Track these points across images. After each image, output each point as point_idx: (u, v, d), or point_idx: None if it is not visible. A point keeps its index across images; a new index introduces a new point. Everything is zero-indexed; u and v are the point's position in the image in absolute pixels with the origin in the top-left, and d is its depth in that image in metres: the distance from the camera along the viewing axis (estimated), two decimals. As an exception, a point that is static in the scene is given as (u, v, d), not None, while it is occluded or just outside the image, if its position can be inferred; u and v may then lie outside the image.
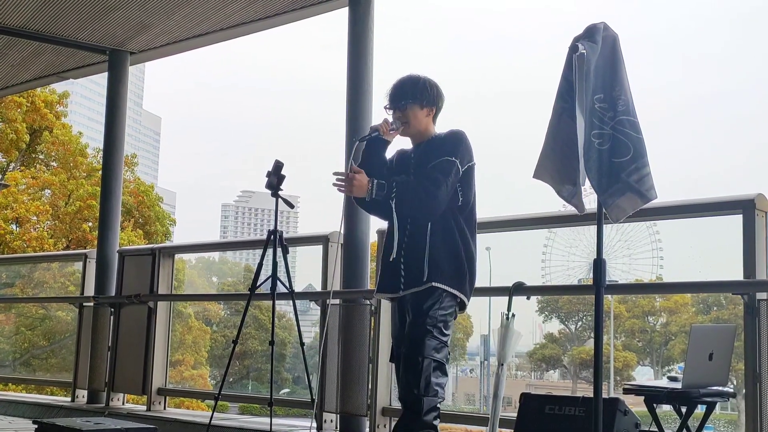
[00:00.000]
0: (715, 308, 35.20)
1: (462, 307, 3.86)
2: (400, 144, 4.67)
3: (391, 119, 4.00)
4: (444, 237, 3.79)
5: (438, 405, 3.71)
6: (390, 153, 4.12)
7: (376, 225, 5.82)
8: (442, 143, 3.89)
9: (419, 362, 3.67)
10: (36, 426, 5.19)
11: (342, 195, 5.32)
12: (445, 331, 3.76)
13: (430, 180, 3.76)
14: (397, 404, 5.41)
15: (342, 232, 5.69)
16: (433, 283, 3.73)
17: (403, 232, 3.85)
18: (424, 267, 3.75)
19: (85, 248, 18.17)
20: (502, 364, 4.68)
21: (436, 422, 3.70)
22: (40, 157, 25.74)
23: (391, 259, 3.85)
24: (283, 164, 5.19)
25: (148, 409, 7.03)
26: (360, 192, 3.80)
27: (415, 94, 3.96)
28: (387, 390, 5.64)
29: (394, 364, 4.03)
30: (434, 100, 4.00)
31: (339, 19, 6.39)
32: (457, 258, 3.79)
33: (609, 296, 22.78)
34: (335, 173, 3.85)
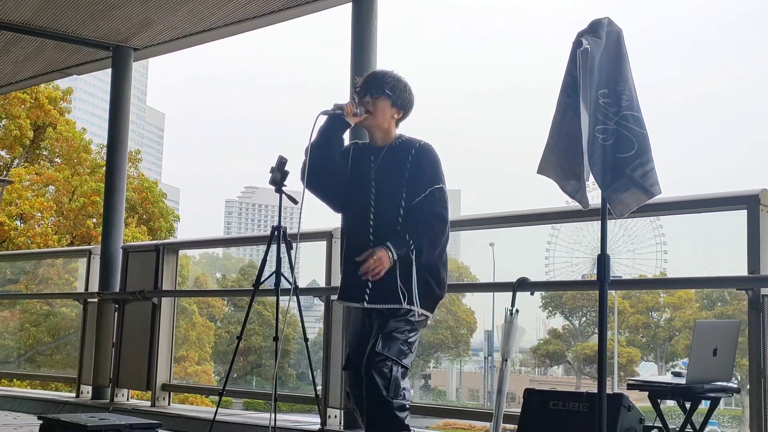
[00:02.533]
0: (719, 304, 35.20)
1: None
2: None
3: (340, 102, 3.84)
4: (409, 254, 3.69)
5: (407, 405, 3.66)
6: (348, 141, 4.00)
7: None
8: (420, 163, 3.76)
9: (390, 366, 3.61)
10: (41, 422, 5.19)
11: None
12: (412, 337, 3.72)
13: (437, 218, 3.70)
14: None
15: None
16: (408, 306, 3.68)
17: (373, 237, 3.75)
18: (397, 288, 3.67)
19: (89, 244, 18.21)
20: (506, 360, 4.68)
21: (407, 422, 3.66)
22: (44, 153, 25.76)
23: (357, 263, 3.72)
24: (287, 160, 5.18)
25: (153, 405, 7.05)
26: (387, 264, 3.65)
27: (394, 90, 3.84)
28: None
29: (347, 373, 3.89)
30: (406, 104, 3.89)
31: (343, 15, 6.39)
32: (432, 280, 3.75)
33: (613, 292, 22.77)
34: (362, 268, 3.68)
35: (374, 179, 3.81)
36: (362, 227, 3.80)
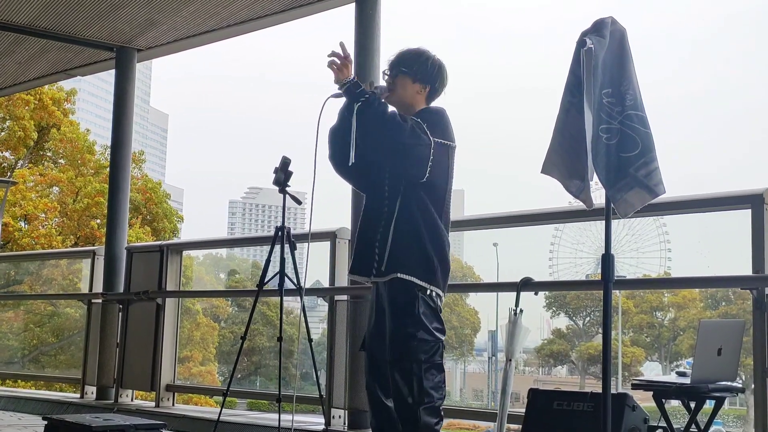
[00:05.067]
0: (723, 303, 35.14)
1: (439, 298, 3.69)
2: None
3: (381, 84, 3.85)
4: (411, 221, 3.65)
5: (436, 406, 3.58)
6: None
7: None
8: (419, 115, 3.76)
9: (409, 368, 3.55)
10: (45, 422, 5.20)
11: (350, 191, 5.32)
12: (431, 327, 3.61)
13: (402, 117, 3.66)
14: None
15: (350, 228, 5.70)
16: (399, 275, 3.61)
17: (381, 205, 3.73)
18: (385, 253, 3.65)
19: (94, 245, 18.22)
20: (510, 360, 4.68)
21: (438, 426, 3.59)
22: (48, 154, 25.78)
23: (363, 235, 3.76)
24: (290, 160, 5.19)
25: (157, 406, 7.05)
26: (340, 75, 3.67)
27: (411, 66, 3.81)
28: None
29: (365, 354, 3.84)
30: (430, 78, 3.83)
31: (347, 15, 6.40)
32: (422, 245, 3.64)
33: (617, 291, 22.73)
34: (333, 53, 3.70)
35: None
36: (378, 194, 3.77)
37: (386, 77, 3.87)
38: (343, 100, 3.80)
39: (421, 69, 3.81)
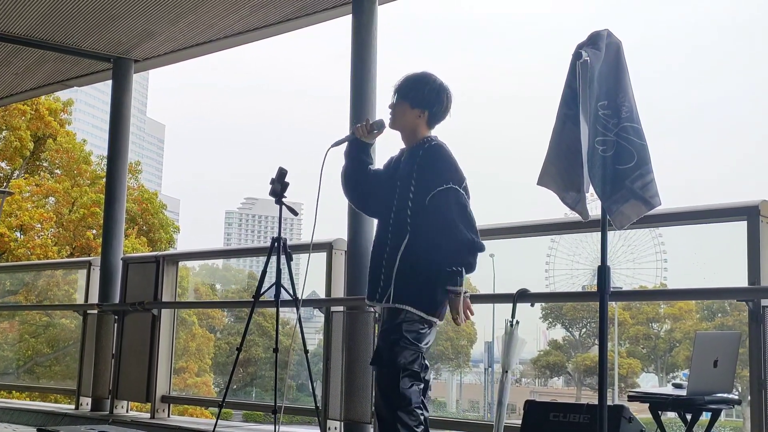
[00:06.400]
0: (719, 315, 35.14)
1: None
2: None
3: (376, 119, 3.92)
4: (419, 256, 3.68)
5: (416, 410, 3.61)
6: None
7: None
8: (427, 161, 3.76)
9: (387, 373, 3.63)
10: (40, 434, 5.19)
11: (347, 203, 5.33)
12: (415, 341, 3.65)
13: (451, 226, 3.63)
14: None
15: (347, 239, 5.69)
16: (398, 305, 3.67)
17: (391, 234, 3.80)
18: (392, 283, 3.71)
19: (89, 256, 18.20)
20: (507, 371, 4.67)
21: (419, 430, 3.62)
22: (44, 164, 25.78)
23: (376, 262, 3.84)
24: (287, 171, 5.20)
25: (152, 417, 7.03)
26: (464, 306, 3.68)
27: (408, 93, 3.86)
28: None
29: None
30: (427, 103, 3.84)
31: (345, 26, 6.41)
32: (428, 280, 3.67)
33: (613, 303, 22.74)
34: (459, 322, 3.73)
35: (398, 180, 3.84)
36: (384, 226, 3.86)
37: (392, 102, 3.94)
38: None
39: (418, 95, 3.85)
